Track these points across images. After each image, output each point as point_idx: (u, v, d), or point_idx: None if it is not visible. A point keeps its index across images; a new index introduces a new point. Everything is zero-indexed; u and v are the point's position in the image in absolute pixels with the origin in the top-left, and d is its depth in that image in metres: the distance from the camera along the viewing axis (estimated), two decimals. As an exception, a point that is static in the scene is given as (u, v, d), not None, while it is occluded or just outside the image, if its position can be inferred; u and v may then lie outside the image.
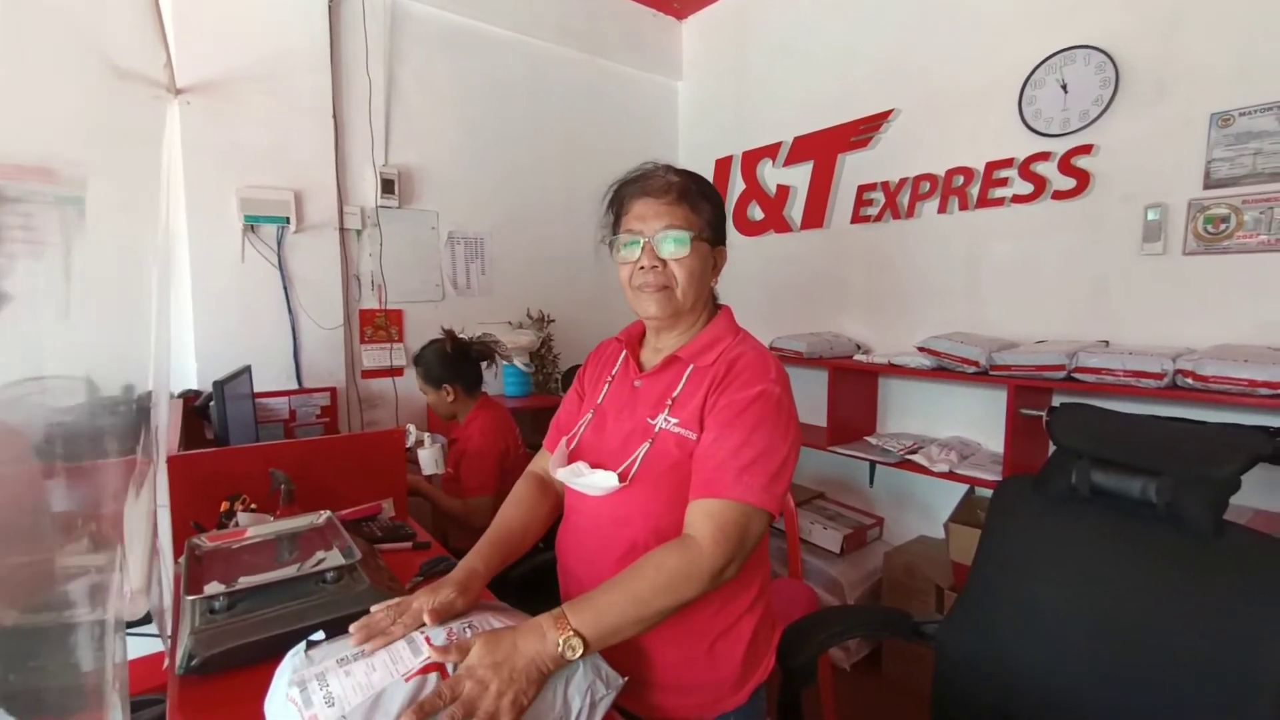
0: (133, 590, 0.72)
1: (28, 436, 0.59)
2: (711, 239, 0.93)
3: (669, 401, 0.90)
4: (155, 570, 1.15)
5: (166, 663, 0.95)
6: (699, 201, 0.91)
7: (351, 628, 0.75)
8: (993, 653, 1.11)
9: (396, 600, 0.80)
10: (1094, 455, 1.08)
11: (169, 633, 1.03)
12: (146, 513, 0.98)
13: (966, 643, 1.14)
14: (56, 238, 0.69)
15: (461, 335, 2.07)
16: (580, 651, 0.71)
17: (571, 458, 0.98)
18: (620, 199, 0.95)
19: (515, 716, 0.66)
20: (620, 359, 1.03)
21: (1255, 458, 0.94)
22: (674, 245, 0.89)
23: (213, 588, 0.93)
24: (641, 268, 0.90)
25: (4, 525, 0.48)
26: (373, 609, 0.80)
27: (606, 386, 1.02)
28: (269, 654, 0.80)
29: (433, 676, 0.68)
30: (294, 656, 0.73)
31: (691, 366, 0.92)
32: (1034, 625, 1.07)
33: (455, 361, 2.01)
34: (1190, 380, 1.51)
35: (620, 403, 0.97)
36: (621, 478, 0.88)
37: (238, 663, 0.86)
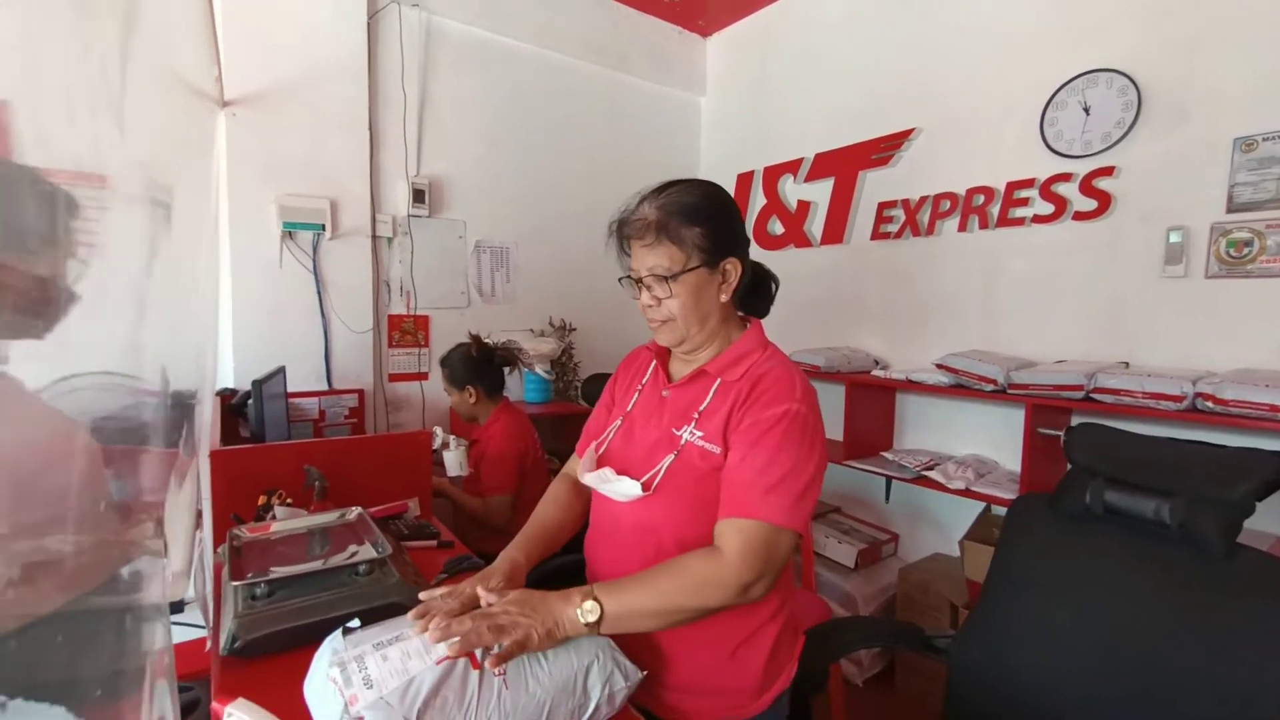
0: (174, 573, 0.78)
1: (83, 426, 0.64)
2: (709, 260, 0.91)
3: (695, 415, 0.92)
4: (198, 558, 1.21)
5: (209, 645, 1.01)
6: (683, 229, 0.90)
7: (411, 615, 0.80)
8: (1004, 668, 1.12)
9: (448, 590, 0.86)
10: (1109, 475, 1.09)
11: (210, 619, 1.09)
12: (189, 503, 1.04)
13: (978, 657, 1.15)
14: (120, 241, 0.75)
15: (487, 341, 2.14)
16: (596, 615, 0.77)
17: (600, 463, 1.00)
18: (619, 239, 0.97)
19: (538, 646, 0.75)
20: (650, 368, 1.06)
21: (1269, 481, 0.95)
22: (659, 286, 0.91)
23: (254, 576, 0.98)
24: (645, 305, 0.95)
25: (55, 510, 0.52)
26: (422, 596, 0.86)
27: (637, 395, 1.04)
28: (305, 640, 0.85)
29: (462, 662, 0.73)
30: (333, 640, 0.78)
31: (719, 380, 0.93)
32: (1045, 642, 1.08)
33: (479, 365, 2.07)
34: (1210, 404, 1.51)
35: (649, 411, 1.00)
36: (645, 486, 0.91)
37: (276, 647, 0.91)
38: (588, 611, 0.77)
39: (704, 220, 0.90)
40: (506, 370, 2.16)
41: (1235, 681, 0.89)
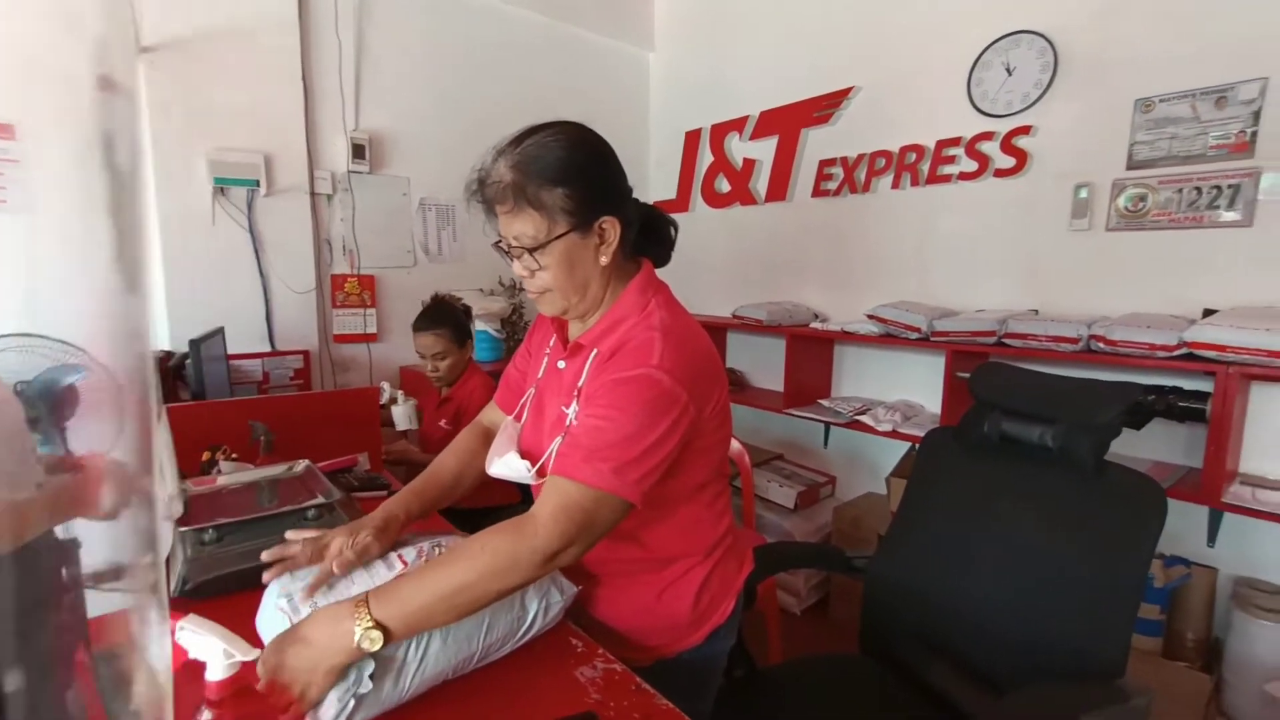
0: (169, 495, 0.90)
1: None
2: (579, 224, 0.81)
3: (575, 391, 0.87)
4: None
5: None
6: (543, 192, 0.79)
7: (265, 555, 0.83)
8: (913, 581, 1.25)
9: (316, 535, 0.85)
10: (1004, 407, 1.22)
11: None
12: (167, 443, 1.07)
13: (890, 574, 1.28)
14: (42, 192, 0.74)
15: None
16: (380, 644, 0.67)
17: (520, 439, 0.98)
18: (482, 202, 0.87)
19: (319, 690, 0.66)
20: (553, 338, 0.99)
21: (1130, 407, 1.09)
22: (527, 257, 0.83)
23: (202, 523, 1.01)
24: (519, 275, 0.87)
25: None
26: (288, 535, 0.87)
27: (545, 360, 0.99)
28: (255, 582, 0.88)
29: (407, 585, 0.78)
30: (281, 577, 0.82)
31: (595, 352, 0.87)
32: (949, 555, 1.21)
33: (465, 322, 2.06)
34: (1101, 345, 1.67)
35: (551, 384, 0.96)
36: (540, 473, 0.88)
37: (225, 589, 0.94)
38: (370, 640, 0.67)
39: (568, 179, 0.80)
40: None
41: (1103, 572, 1.03)
